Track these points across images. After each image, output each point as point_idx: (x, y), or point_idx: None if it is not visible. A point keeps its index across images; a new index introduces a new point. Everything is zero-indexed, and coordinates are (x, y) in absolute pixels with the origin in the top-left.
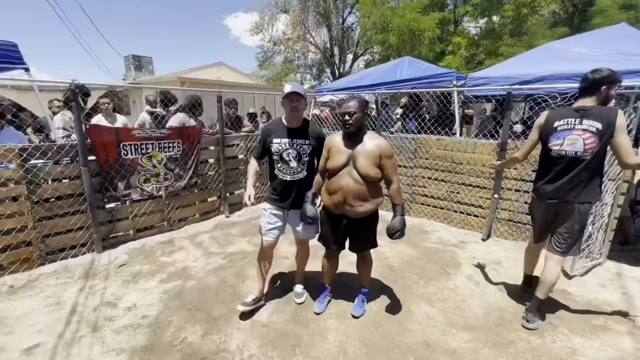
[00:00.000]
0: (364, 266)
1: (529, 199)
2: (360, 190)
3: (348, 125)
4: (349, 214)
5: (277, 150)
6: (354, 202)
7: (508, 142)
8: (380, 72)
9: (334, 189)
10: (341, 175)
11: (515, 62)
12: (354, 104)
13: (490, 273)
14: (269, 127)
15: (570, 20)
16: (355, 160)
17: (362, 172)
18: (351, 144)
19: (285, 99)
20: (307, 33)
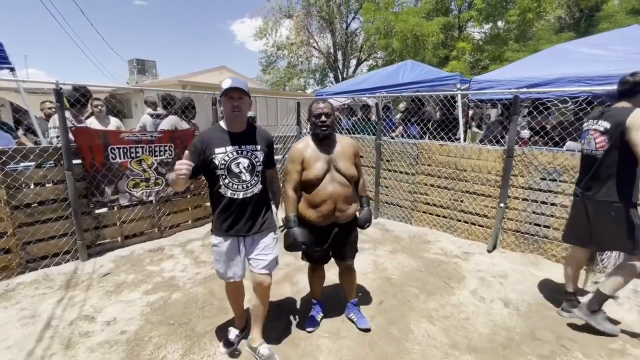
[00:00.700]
0: (351, 277)
1: (537, 208)
2: (347, 192)
3: (325, 127)
4: (340, 220)
5: (222, 162)
6: (344, 206)
7: (515, 148)
8: (382, 76)
9: (321, 200)
10: (325, 183)
11: (522, 65)
12: (327, 104)
13: (496, 288)
14: (203, 136)
15: (576, 26)
16: (335, 163)
17: (347, 174)
18: (326, 148)
19: (225, 97)
20: (311, 38)
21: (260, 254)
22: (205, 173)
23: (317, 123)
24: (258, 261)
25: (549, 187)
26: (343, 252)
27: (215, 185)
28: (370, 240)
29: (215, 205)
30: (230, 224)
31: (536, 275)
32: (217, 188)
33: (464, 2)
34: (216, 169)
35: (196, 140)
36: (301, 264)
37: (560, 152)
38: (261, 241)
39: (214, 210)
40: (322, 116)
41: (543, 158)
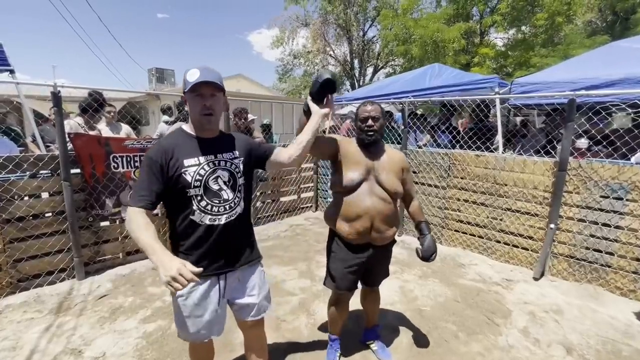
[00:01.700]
0: (376, 301)
1: (597, 231)
2: (389, 211)
3: (372, 132)
4: (376, 242)
5: (197, 177)
6: (383, 227)
7: (569, 160)
8: (406, 80)
9: (356, 213)
10: (362, 194)
11: (573, 65)
12: (376, 107)
13: (551, 326)
14: (163, 145)
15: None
16: (377, 174)
17: (390, 189)
18: (370, 155)
19: (191, 95)
20: (327, 46)
21: (251, 294)
22: (168, 196)
23: (362, 127)
24: (251, 305)
25: (613, 206)
26: (375, 279)
27: (185, 211)
28: (396, 262)
29: (183, 237)
30: (209, 260)
31: (598, 311)
32: (187, 214)
33: (486, 7)
34: (187, 188)
35: (152, 152)
36: (319, 289)
37: (627, 166)
38: (251, 277)
39: (179, 245)
40: (368, 120)
41: (605, 172)
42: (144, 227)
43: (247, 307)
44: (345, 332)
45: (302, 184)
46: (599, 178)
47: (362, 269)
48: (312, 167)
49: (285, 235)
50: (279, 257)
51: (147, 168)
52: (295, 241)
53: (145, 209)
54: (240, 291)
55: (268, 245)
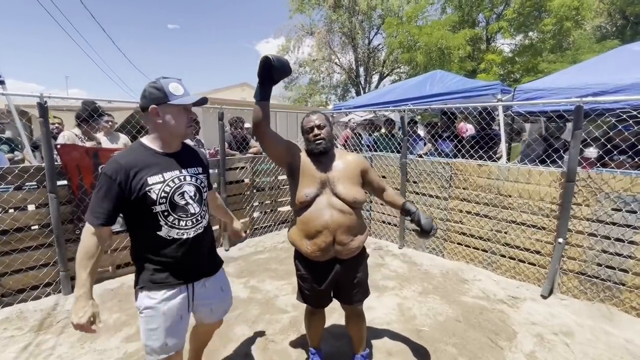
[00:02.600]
0: (359, 324)
1: (609, 246)
2: (350, 222)
3: (319, 140)
4: (341, 255)
5: (163, 194)
6: (346, 238)
7: (578, 170)
8: (407, 87)
9: (315, 229)
10: (319, 209)
11: (580, 70)
12: (319, 115)
13: (561, 351)
14: (124, 162)
15: (620, 34)
16: (333, 186)
17: (349, 199)
18: (323, 167)
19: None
20: (333, 54)
21: (217, 298)
22: (130, 212)
23: (309, 138)
24: (216, 309)
25: (626, 220)
26: (349, 295)
27: (151, 227)
28: (396, 277)
29: (149, 252)
30: (177, 272)
31: (612, 334)
32: (153, 230)
33: (492, 13)
34: (152, 205)
35: (110, 170)
36: None
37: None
38: (216, 282)
39: (144, 260)
40: (314, 129)
41: (617, 183)
42: (88, 257)
43: (214, 311)
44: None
45: None
46: (610, 190)
47: (331, 286)
48: None
49: (282, 246)
50: (273, 271)
51: (105, 187)
52: (291, 253)
53: (102, 227)
54: (209, 296)
55: (263, 257)
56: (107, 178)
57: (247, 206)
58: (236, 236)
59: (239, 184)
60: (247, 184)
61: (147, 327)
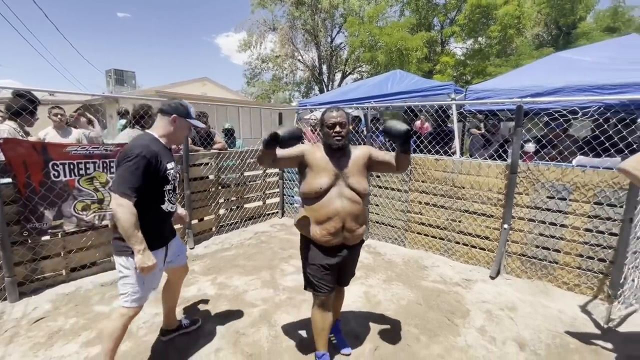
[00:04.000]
0: (342, 297)
1: (545, 230)
2: (358, 211)
3: (340, 137)
4: (348, 242)
5: (173, 177)
6: (354, 226)
7: (519, 163)
8: (370, 85)
9: (327, 215)
10: (331, 197)
11: (522, 73)
12: (341, 113)
13: (507, 324)
14: (152, 150)
15: (555, 42)
16: (346, 178)
17: (360, 189)
18: (337, 161)
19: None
20: (296, 51)
21: (180, 247)
22: (148, 189)
23: (330, 134)
24: (181, 256)
25: (558, 206)
26: (345, 278)
27: (157, 201)
28: (362, 267)
29: (150, 222)
30: (163, 236)
31: (548, 307)
32: (158, 204)
33: (446, 18)
34: (166, 184)
35: (147, 154)
36: (282, 299)
37: (570, 168)
38: (176, 239)
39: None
40: (336, 126)
41: (550, 174)
42: (134, 222)
43: (181, 258)
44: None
45: (268, 189)
46: (546, 180)
47: (336, 269)
48: (277, 172)
49: (250, 243)
50: (241, 267)
51: (142, 167)
52: (259, 249)
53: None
54: (176, 248)
55: (230, 254)
56: (145, 159)
57: (213, 203)
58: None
59: (204, 180)
60: (212, 181)
61: (134, 282)
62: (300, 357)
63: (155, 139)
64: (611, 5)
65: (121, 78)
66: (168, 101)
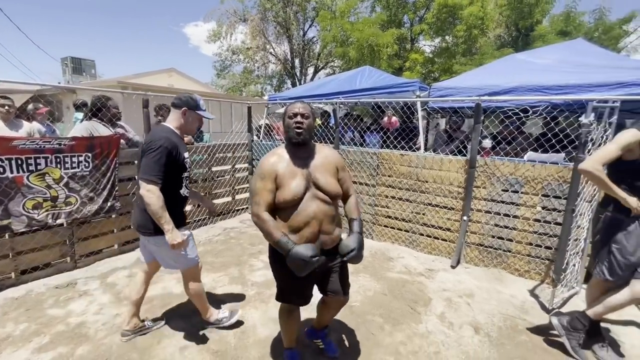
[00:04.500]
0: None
1: (500, 221)
2: (332, 211)
3: (300, 130)
4: (326, 245)
5: (188, 165)
6: (330, 227)
7: (477, 158)
8: (339, 81)
9: (303, 222)
10: (306, 202)
11: (481, 73)
12: (305, 105)
13: (464, 310)
14: (172, 141)
15: (515, 43)
16: (315, 179)
17: (331, 191)
18: (303, 161)
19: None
20: (267, 43)
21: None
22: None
23: (290, 124)
24: None
25: (511, 198)
26: (333, 286)
27: (177, 187)
28: None
29: (170, 205)
30: (183, 217)
31: (502, 292)
32: (177, 189)
33: (415, 16)
34: (184, 172)
35: (168, 145)
36: (250, 294)
37: (521, 163)
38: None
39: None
40: (297, 116)
41: (505, 169)
42: (162, 205)
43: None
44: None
45: (237, 185)
46: (501, 174)
47: (315, 279)
48: (247, 167)
49: (218, 239)
50: (209, 264)
51: (164, 157)
52: (228, 245)
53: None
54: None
55: (198, 251)
56: (167, 150)
57: None
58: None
59: None
60: None
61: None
62: (268, 352)
63: (172, 130)
64: (564, 10)
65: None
66: (179, 95)
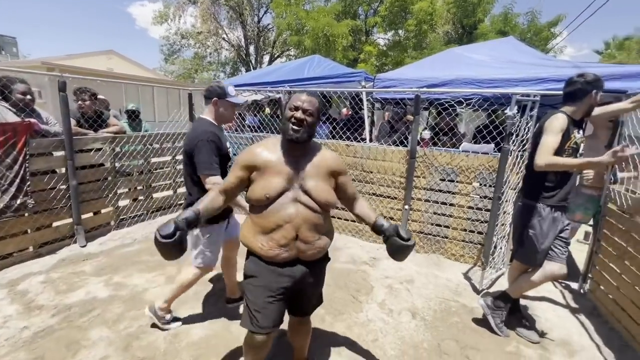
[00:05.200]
0: (307, 333)
1: (438, 209)
2: (317, 219)
3: (298, 128)
4: (305, 256)
5: (229, 154)
6: (311, 235)
7: (417, 149)
8: (288, 69)
9: (275, 223)
10: (283, 203)
11: (421, 65)
12: (311, 100)
13: (404, 296)
14: (214, 132)
15: (460, 40)
16: (303, 182)
17: (319, 198)
18: (294, 161)
19: (231, 103)
20: (220, 28)
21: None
22: None
23: (289, 117)
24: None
25: (448, 187)
26: (305, 305)
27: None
28: None
29: None
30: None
31: (439, 276)
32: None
33: (370, 8)
34: (228, 161)
35: (212, 137)
36: (187, 294)
37: (457, 153)
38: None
39: None
40: (298, 110)
41: (442, 159)
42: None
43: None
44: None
45: (179, 177)
46: (438, 164)
47: (288, 295)
48: None
49: None
50: (144, 263)
51: (214, 149)
52: None
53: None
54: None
55: (133, 250)
56: (213, 143)
57: (110, 194)
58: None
59: (96, 168)
60: (108, 169)
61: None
62: (202, 353)
63: (211, 123)
64: (502, 11)
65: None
66: (208, 87)
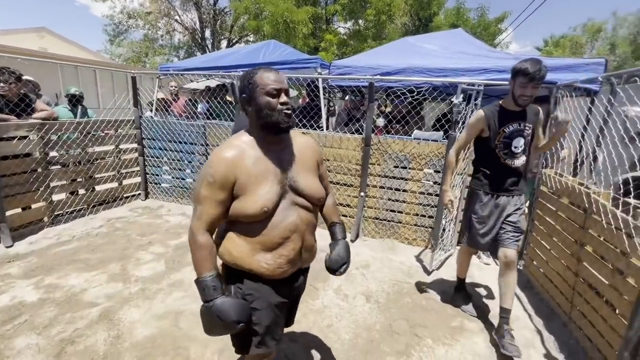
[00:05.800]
0: None
1: (392, 195)
2: (314, 219)
3: (288, 114)
4: (306, 264)
5: None
6: (312, 240)
7: (372, 136)
8: (242, 54)
9: (282, 236)
10: (283, 212)
11: (376, 53)
12: (284, 77)
13: (359, 280)
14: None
15: (417, 32)
16: (293, 180)
17: (315, 196)
18: (276, 156)
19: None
20: (172, 9)
21: None
22: None
23: (275, 106)
24: None
25: (401, 174)
26: (295, 313)
27: None
28: None
29: None
30: None
31: (393, 260)
32: None
33: None
34: None
35: None
36: (131, 292)
37: (409, 141)
38: None
39: None
40: (281, 94)
41: (396, 146)
42: None
43: None
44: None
45: (124, 168)
46: (392, 151)
47: (288, 306)
48: (136, 148)
49: (99, 232)
50: (83, 262)
51: None
52: (111, 239)
53: None
54: None
55: (70, 248)
56: None
57: (42, 187)
58: None
59: (21, 159)
60: (38, 159)
61: None
62: (147, 354)
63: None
64: (455, 5)
65: None
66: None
